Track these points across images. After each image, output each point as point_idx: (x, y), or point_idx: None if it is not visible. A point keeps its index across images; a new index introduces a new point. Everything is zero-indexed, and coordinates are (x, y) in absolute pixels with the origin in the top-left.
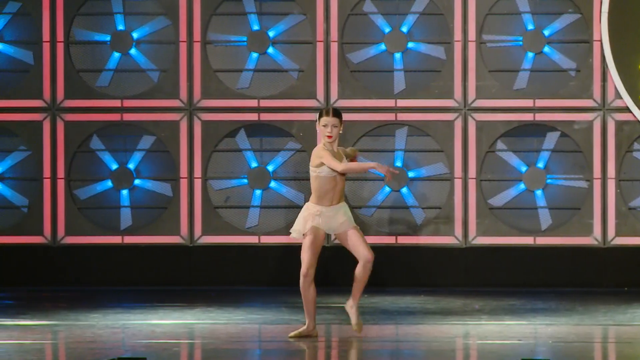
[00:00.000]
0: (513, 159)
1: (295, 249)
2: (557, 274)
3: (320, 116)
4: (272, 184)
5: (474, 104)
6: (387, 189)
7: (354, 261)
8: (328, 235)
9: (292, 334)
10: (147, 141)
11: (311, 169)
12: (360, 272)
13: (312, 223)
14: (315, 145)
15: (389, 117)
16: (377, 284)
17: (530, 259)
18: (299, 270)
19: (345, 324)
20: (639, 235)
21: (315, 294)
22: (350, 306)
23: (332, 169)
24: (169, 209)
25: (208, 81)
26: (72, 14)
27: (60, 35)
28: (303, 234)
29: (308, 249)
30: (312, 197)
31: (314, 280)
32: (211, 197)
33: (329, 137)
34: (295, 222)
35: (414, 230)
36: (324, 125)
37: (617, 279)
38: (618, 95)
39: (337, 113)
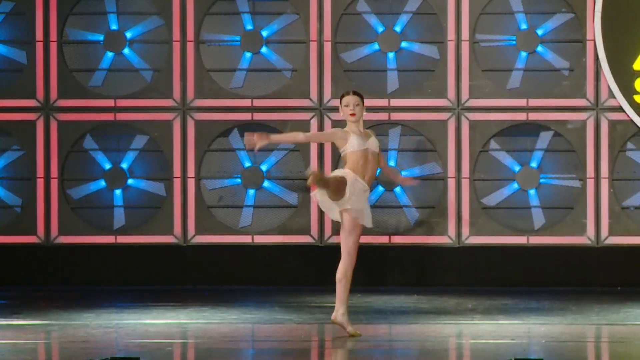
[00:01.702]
0: (506, 159)
1: (289, 248)
2: (551, 274)
3: (342, 97)
4: (266, 183)
5: (467, 104)
6: (381, 188)
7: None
8: (321, 234)
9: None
10: (140, 141)
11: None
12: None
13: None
14: (307, 145)
15: (383, 116)
16: (370, 283)
17: (524, 259)
18: (293, 269)
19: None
20: (632, 235)
21: None
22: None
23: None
24: (163, 209)
25: (201, 81)
26: (65, 14)
27: (53, 35)
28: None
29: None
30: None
31: None
32: (204, 196)
33: (352, 114)
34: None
35: (408, 230)
36: (345, 106)
37: (610, 279)
38: (611, 95)
39: (357, 93)
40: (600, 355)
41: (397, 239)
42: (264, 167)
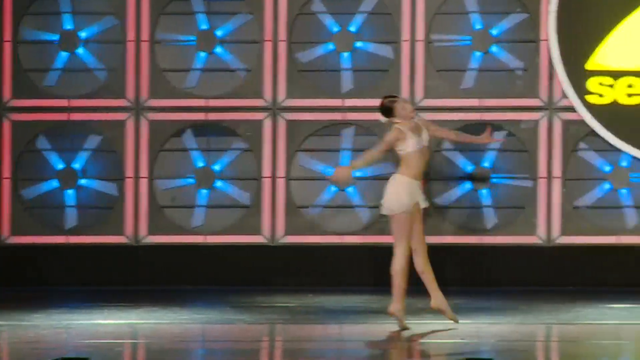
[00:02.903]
0: (458, 159)
1: (241, 248)
2: (502, 273)
3: (397, 102)
4: (219, 183)
5: (422, 104)
6: (334, 188)
7: (298, 261)
8: (274, 234)
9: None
10: (93, 141)
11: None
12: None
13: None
14: (261, 143)
15: (337, 116)
16: (321, 283)
17: (475, 258)
18: (245, 270)
19: (289, 324)
20: (583, 235)
21: None
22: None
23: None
24: (115, 209)
25: (156, 81)
26: (20, 14)
27: (7, 35)
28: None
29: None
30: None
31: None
32: (157, 196)
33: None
34: (396, 198)
35: (361, 229)
36: (405, 102)
37: (561, 278)
38: (564, 95)
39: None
40: (550, 354)
41: (350, 239)
42: (216, 167)
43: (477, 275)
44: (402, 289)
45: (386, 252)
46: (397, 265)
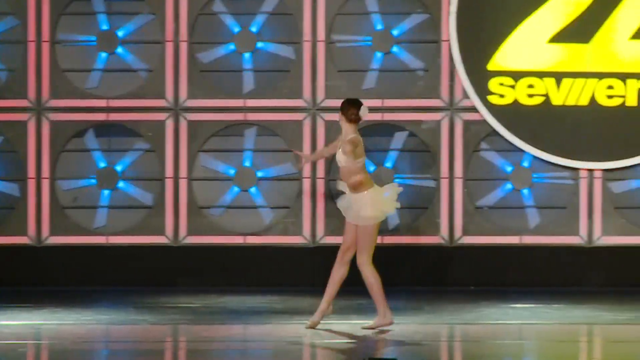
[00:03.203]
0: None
1: (144, 248)
2: (405, 273)
3: (354, 106)
4: (121, 184)
5: (323, 104)
6: (236, 188)
7: (201, 262)
8: (176, 234)
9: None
10: None
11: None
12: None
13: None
14: (163, 143)
15: (238, 117)
16: (225, 283)
17: (378, 258)
18: (148, 270)
19: (192, 324)
20: (485, 234)
21: None
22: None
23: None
24: (17, 210)
25: (57, 81)
26: None
27: None
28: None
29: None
30: (368, 182)
31: None
32: (59, 197)
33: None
34: (371, 209)
35: (263, 230)
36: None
37: (464, 278)
38: (466, 95)
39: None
40: (454, 354)
41: (252, 240)
42: (118, 168)
43: (380, 275)
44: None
45: (288, 252)
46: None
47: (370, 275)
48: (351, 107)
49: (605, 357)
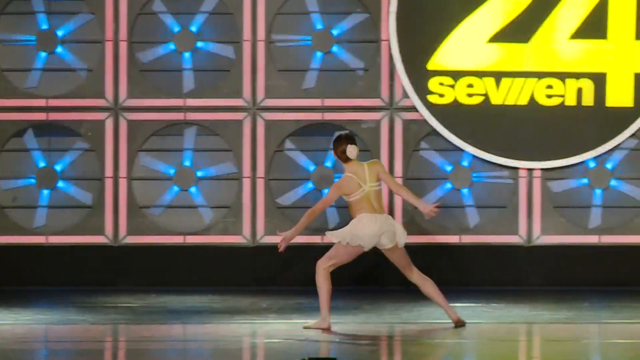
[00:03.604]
0: (301, 158)
1: (83, 248)
2: (344, 272)
3: (345, 143)
4: (60, 183)
5: (263, 104)
6: (176, 188)
7: (141, 262)
8: (116, 234)
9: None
10: None
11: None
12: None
13: None
14: (103, 143)
15: (178, 116)
16: (165, 283)
17: (318, 257)
18: (88, 270)
19: (132, 324)
20: (424, 234)
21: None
22: None
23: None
24: None
25: None
26: None
27: None
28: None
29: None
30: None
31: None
32: None
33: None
34: (344, 230)
35: (203, 229)
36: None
37: (404, 278)
38: (405, 95)
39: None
40: (394, 354)
41: (193, 239)
42: (58, 168)
43: (312, 275)
44: None
45: (228, 252)
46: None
47: (322, 280)
48: (338, 144)
49: (544, 355)
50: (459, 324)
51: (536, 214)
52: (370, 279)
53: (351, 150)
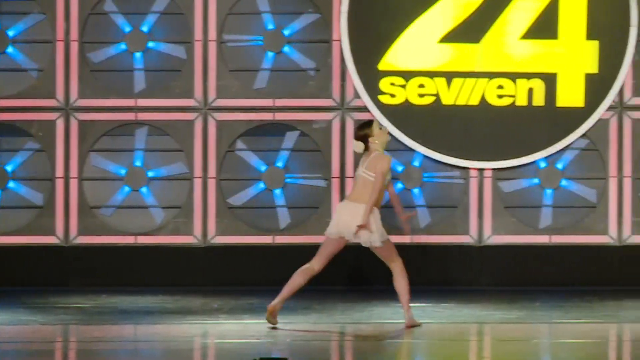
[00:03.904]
0: (253, 159)
1: (34, 248)
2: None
3: (373, 126)
4: (11, 184)
5: (215, 104)
6: (127, 188)
7: (92, 262)
8: (67, 235)
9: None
10: None
11: (381, 176)
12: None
13: None
14: (54, 143)
15: (129, 116)
16: (116, 283)
17: (270, 258)
18: (39, 270)
19: (83, 325)
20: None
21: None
22: None
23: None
24: None
25: None
26: None
27: None
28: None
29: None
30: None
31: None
32: None
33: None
34: (378, 229)
35: (154, 230)
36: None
37: (356, 278)
38: (357, 95)
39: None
40: (344, 353)
41: (144, 239)
42: (9, 168)
43: (271, 275)
44: None
45: (179, 252)
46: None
47: (299, 272)
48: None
49: (495, 355)
50: (410, 327)
51: (487, 214)
52: (324, 278)
53: (355, 146)
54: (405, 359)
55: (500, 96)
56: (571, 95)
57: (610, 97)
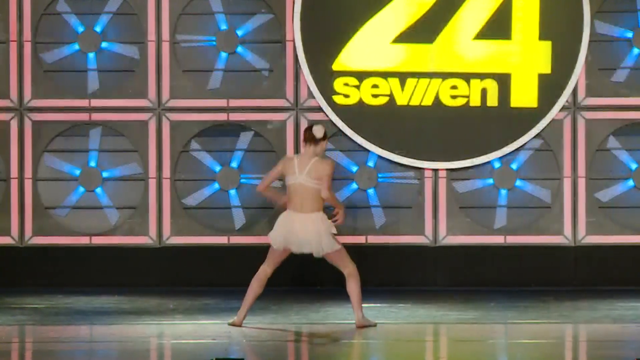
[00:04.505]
0: (207, 159)
1: None
2: (250, 273)
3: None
4: None
5: (168, 104)
6: (82, 189)
7: (47, 262)
8: (22, 235)
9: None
10: None
11: (330, 178)
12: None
13: None
14: (8, 144)
15: (83, 117)
16: (71, 284)
17: (224, 258)
18: None
19: (39, 325)
20: (340, 235)
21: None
22: None
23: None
24: None
25: None
26: None
27: None
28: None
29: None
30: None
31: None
32: None
33: None
34: (328, 237)
35: (109, 230)
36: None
37: (311, 278)
38: (311, 95)
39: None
40: (300, 354)
41: (98, 240)
42: None
43: (226, 275)
44: None
45: (134, 252)
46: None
47: (254, 280)
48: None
49: (450, 356)
50: (361, 328)
51: (442, 214)
52: (280, 279)
53: (318, 131)
54: None
55: (454, 96)
56: (525, 95)
57: (564, 98)
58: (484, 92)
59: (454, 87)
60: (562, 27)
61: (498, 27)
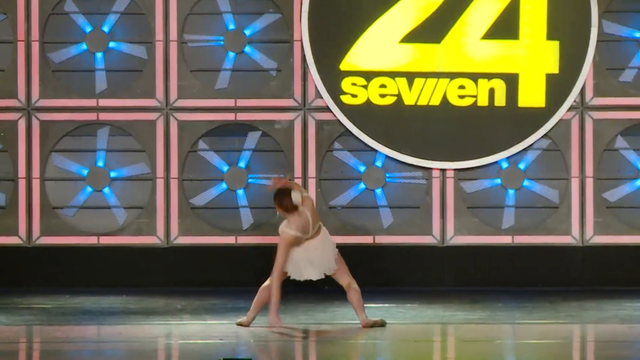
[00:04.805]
0: (215, 159)
1: None
2: (258, 273)
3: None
4: None
5: (176, 104)
6: (89, 189)
7: (55, 262)
8: (30, 235)
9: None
10: None
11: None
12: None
13: None
14: (16, 143)
15: (91, 116)
16: (79, 284)
17: (232, 258)
18: (2, 271)
19: (46, 325)
20: (339, 234)
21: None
22: None
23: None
24: None
25: None
26: None
27: None
28: None
29: None
30: None
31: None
32: None
33: None
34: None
35: (116, 230)
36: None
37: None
38: (319, 95)
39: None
40: (308, 354)
41: (106, 240)
42: None
43: (233, 275)
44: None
45: (142, 252)
46: None
47: (260, 291)
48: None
49: (458, 356)
50: (366, 327)
51: (449, 215)
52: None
53: (297, 198)
54: None
55: (461, 96)
56: (532, 95)
57: (572, 98)
58: (491, 92)
59: (461, 87)
60: (569, 27)
61: (506, 27)
